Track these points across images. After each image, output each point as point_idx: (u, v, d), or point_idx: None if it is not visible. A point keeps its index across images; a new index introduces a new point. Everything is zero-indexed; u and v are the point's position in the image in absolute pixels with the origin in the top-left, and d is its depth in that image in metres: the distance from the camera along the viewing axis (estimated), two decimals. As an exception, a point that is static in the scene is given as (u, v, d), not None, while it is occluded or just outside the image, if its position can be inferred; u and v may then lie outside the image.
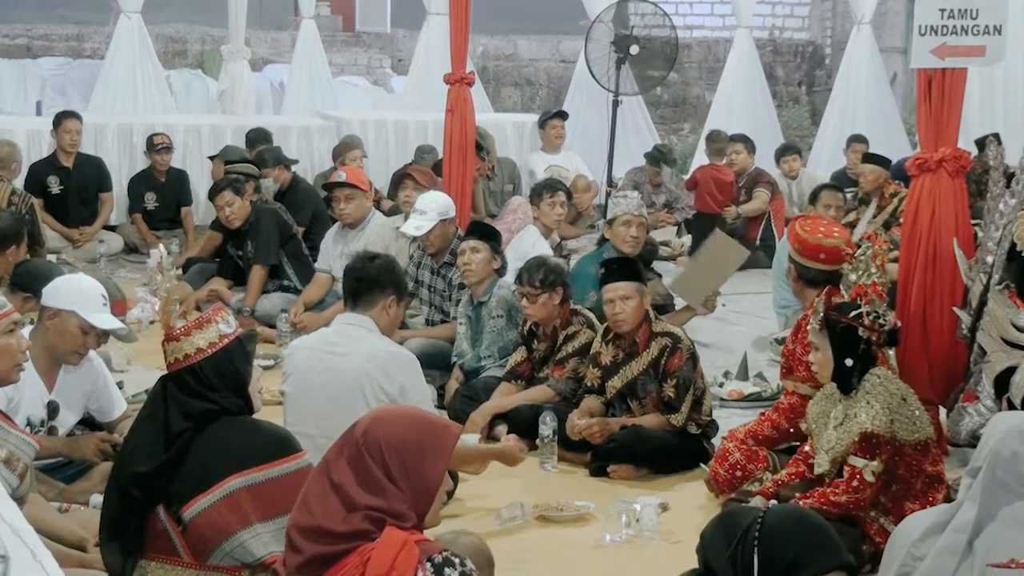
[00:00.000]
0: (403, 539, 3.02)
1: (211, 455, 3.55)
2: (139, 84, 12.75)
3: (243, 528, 3.48)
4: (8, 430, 3.88)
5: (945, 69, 5.51)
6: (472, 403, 6.22)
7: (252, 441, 3.60)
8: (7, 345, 3.85)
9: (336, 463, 3.14)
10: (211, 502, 3.49)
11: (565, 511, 5.13)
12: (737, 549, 2.78)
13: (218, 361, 3.68)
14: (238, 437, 3.60)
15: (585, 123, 13.36)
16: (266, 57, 16.77)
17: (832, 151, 13.60)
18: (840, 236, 5.52)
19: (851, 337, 4.59)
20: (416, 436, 3.15)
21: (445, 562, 3.03)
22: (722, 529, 2.87)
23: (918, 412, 4.56)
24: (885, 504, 4.54)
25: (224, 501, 3.49)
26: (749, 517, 2.84)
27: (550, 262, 6.29)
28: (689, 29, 17.77)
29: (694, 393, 5.71)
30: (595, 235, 10.74)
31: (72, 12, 16.62)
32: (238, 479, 3.50)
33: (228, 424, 3.63)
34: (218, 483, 3.50)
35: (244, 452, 3.56)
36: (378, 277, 5.03)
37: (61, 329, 4.68)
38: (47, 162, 10.44)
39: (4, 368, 3.89)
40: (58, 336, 4.69)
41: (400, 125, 12.18)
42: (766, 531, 2.78)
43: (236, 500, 3.49)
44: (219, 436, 3.59)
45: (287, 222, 8.54)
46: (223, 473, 3.51)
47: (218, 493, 3.49)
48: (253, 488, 3.51)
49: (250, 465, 3.53)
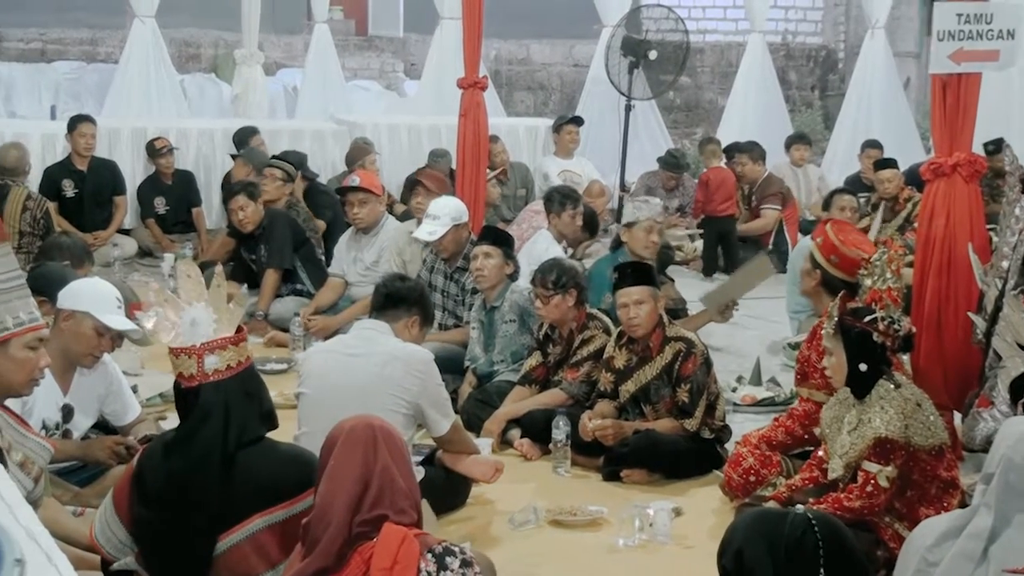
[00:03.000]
0: (402, 534, 3.06)
1: (236, 489, 3.44)
2: (153, 88, 12.77)
3: (268, 570, 3.44)
4: (24, 434, 3.89)
5: (960, 74, 5.50)
6: (485, 407, 6.22)
7: (276, 475, 3.49)
8: (27, 359, 3.81)
9: (337, 467, 3.16)
10: (234, 542, 3.42)
11: (578, 515, 5.13)
12: (793, 565, 2.78)
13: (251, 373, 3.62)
14: (263, 469, 3.49)
15: (598, 128, 13.35)
16: (279, 61, 16.79)
17: (845, 155, 13.59)
18: (872, 251, 5.45)
19: (865, 342, 4.58)
20: (387, 432, 3.24)
21: (446, 551, 3.07)
22: (765, 542, 2.84)
23: (933, 417, 4.54)
24: (900, 509, 4.53)
25: (248, 542, 3.42)
26: (793, 525, 2.82)
27: (564, 264, 6.29)
28: (702, 33, 17.75)
29: (708, 398, 5.70)
30: (608, 239, 10.76)
31: (86, 16, 16.65)
32: (260, 519, 3.43)
33: (253, 453, 3.51)
34: (241, 523, 3.42)
35: (268, 490, 3.45)
36: (407, 295, 5.11)
37: (76, 331, 4.69)
38: (62, 166, 10.47)
39: (19, 380, 3.84)
40: (73, 338, 4.70)
41: (413, 129, 12.19)
42: (829, 548, 2.78)
43: (260, 542, 3.43)
44: (246, 465, 3.48)
45: (300, 226, 8.57)
46: (244, 512, 3.43)
47: (241, 534, 3.42)
48: (275, 527, 3.44)
49: (273, 503, 3.44)
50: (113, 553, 3.59)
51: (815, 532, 2.79)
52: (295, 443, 4.74)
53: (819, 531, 2.80)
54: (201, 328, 3.47)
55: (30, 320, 3.83)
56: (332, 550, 3.07)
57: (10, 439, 3.78)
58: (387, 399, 4.72)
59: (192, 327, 3.48)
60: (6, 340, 3.79)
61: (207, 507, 3.43)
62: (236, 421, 3.47)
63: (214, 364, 3.47)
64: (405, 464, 3.23)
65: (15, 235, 8.78)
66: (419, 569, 3.02)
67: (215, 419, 3.46)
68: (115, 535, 3.58)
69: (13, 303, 3.82)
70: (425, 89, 13.83)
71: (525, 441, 5.97)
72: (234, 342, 3.52)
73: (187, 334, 3.48)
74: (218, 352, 3.48)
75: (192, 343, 3.47)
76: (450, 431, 5.00)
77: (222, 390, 3.47)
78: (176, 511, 3.45)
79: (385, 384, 4.77)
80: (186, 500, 3.44)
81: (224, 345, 3.50)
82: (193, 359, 3.47)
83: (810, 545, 2.78)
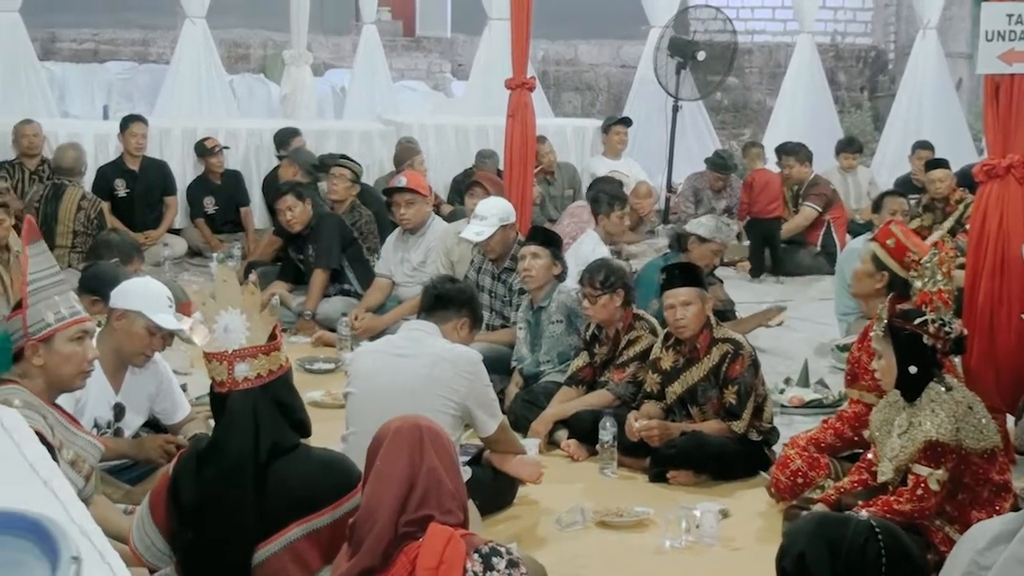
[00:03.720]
0: (448, 533, 3.06)
1: (271, 499, 3.42)
2: (203, 88, 12.88)
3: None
4: (75, 432, 3.93)
5: (1013, 75, 5.45)
6: (532, 408, 6.23)
7: (312, 483, 3.45)
8: (73, 352, 3.88)
9: (384, 466, 3.17)
10: (272, 552, 3.40)
11: (625, 517, 5.12)
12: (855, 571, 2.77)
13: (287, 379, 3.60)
14: (298, 478, 3.45)
15: (645, 128, 13.33)
16: (327, 62, 16.88)
17: (895, 157, 13.50)
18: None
19: (916, 345, 4.54)
20: (436, 432, 3.26)
21: (492, 552, 3.07)
22: (827, 547, 2.83)
23: (984, 420, 4.50)
24: (951, 513, 4.49)
25: (286, 551, 3.39)
26: (856, 532, 2.81)
27: (612, 264, 6.29)
28: (750, 34, 17.67)
29: (755, 400, 5.67)
30: (654, 240, 10.74)
31: (138, 17, 16.82)
32: (299, 528, 3.40)
33: (287, 462, 3.47)
34: (278, 533, 3.40)
35: (305, 498, 3.42)
36: (456, 297, 5.11)
37: (128, 330, 4.74)
38: (114, 165, 10.57)
39: (68, 374, 3.91)
40: (125, 337, 4.75)
41: (461, 130, 12.21)
42: (891, 556, 2.77)
43: (298, 550, 3.40)
44: (280, 475, 3.45)
45: (348, 227, 8.60)
46: (282, 521, 3.40)
47: (278, 543, 3.40)
48: (314, 534, 3.41)
49: (311, 511, 3.41)
50: (152, 561, 3.58)
51: (878, 540, 2.79)
52: (343, 442, 4.79)
53: (882, 539, 2.79)
54: (233, 335, 3.46)
55: (71, 314, 3.90)
56: (378, 550, 3.08)
57: (61, 438, 3.83)
58: (435, 400, 4.73)
59: (225, 333, 3.46)
60: (50, 336, 3.85)
61: (242, 517, 3.40)
62: (266, 430, 3.44)
63: (244, 372, 3.46)
64: (452, 465, 3.23)
65: (69, 235, 8.90)
66: (465, 569, 3.03)
67: (243, 428, 3.44)
68: (153, 543, 3.56)
69: (53, 299, 3.87)
70: (472, 90, 13.85)
71: (572, 442, 5.96)
72: (266, 351, 3.49)
73: (220, 339, 3.48)
74: (248, 360, 3.46)
75: (224, 349, 3.47)
76: (497, 431, 5.01)
77: (251, 398, 3.45)
78: (211, 522, 3.43)
79: (433, 385, 4.78)
80: (220, 511, 3.42)
81: (255, 354, 3.47)
82: (224, 365, 3.46)
83: (873, 553, 2.77)
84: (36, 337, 3.84)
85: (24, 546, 1.98)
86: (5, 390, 3.76)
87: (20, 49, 12.17)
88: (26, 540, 1.98)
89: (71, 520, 2.24)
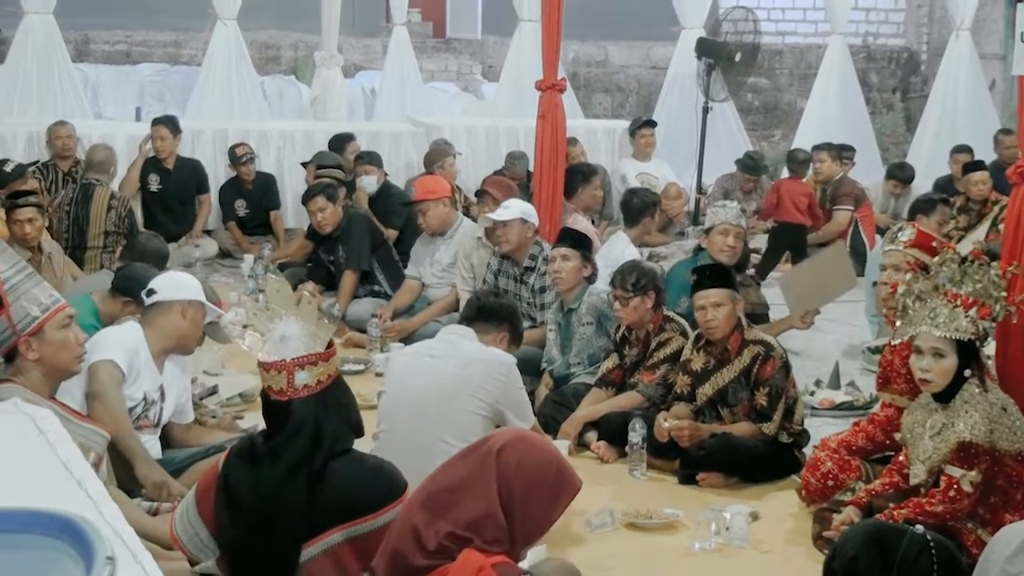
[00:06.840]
0: (479, 563, 3.00)
1: (320, 502, 3.43)
2: (235, 90, 12.94)
3: None
4: (77, 423, 3.97)
5: (1047, 75, 5.39)
6: (563, 409, 6.22)
7: (361, 489, 3.46)
8: (65, 338, 4.02)
9: (453, 468, 3.16)
10: (312, 555, 3.41)
11: (654, 518, 5.11)
12: None
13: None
14: (348, 483, 3.46)
15: (675, 130, 13.31)
16: (358, 63, 16.93)
17: (929, 158, 13.42)
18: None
19: (973, 347, 4.51)
20: (554, 473, 3.17)
21: None
22: (880, 554, 2.82)
23: (1019, 422, 4.46)
24: (983, 515, 4.45)
25: (325, 556, 3.40)
26: (911, 543, 2.80)
27: (644, 266, 6.29)
28: (781, 35, 17.63)
29: (786, 402, 5.65)
30: (684, 242, 10.71)
31: (170, 19, 16.92)
32: (339, 532, 3.41)
33: (340, 465, 3.49)
34: (321, 536, 3.40)
35: (352, 504, 3.43)
36: (499, 311, 5.19)
37: (196, 319, 4.94)
38: (149, 160, 10.62)
39: (65, 360, 4.05)
40: (193, 326, 4.93)
41: (491, 131, 12.22)
42: (943, 572, 2.76)
43: (338, 555, 3.41)
44: (332, 478, 3.46)
45: (379, 228, 8.63)
46: (325, 525, 3.41)
47: (319, 546, 3.41)
48: (354, 540, 3.42)
49: (354, 517, 3.42)
50: (193, 551, 3.59)
51: (932, 554, 2.77)
52: (374, 440, 4.81)
53: (936, 554, 2.78)
54: (292, 343, 3.48)
55: (53, 303, 4.03)
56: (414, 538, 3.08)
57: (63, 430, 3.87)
58: (467, 401, 4.75)
59: (282, 342, 3.48)
60: (40, 328, 3.96)
61: (293, 519, 3.41)
62: (327, 434, 3.48)
63: (304, 379, 3.48)
64: (525, 503, 3.15)
65: (101, 235, 8.96)
66: None
67: (306, 433, 3.46)
68: (197, 534, 3.57)
69: (32, 292, 3.99)
70: (503, 91, 13.86)
71: (602, 444, 5.96)
72: (324, 358, 3.52)
73: (276, 349, 3.50)
74: (308, 368, 3.48)
75: (282, 358, 3.48)
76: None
77: (312, 404, 3.47)
78: (262, 522, 3.44)
79: (465, 385, 4.79)
80: (272, 512, 3.43)
81: (315, 361, 3.50)
82: (283, 374, 3.47)
83: (925, 565, 2.76)
84: (26, 332, 3.94)
85: (59, 546, 1.99)
86: (3, 389, 3.80)
87: (54, 51, 12.28)
88: (61, 540, 2.00)
89: (104, 520, 2.26)
